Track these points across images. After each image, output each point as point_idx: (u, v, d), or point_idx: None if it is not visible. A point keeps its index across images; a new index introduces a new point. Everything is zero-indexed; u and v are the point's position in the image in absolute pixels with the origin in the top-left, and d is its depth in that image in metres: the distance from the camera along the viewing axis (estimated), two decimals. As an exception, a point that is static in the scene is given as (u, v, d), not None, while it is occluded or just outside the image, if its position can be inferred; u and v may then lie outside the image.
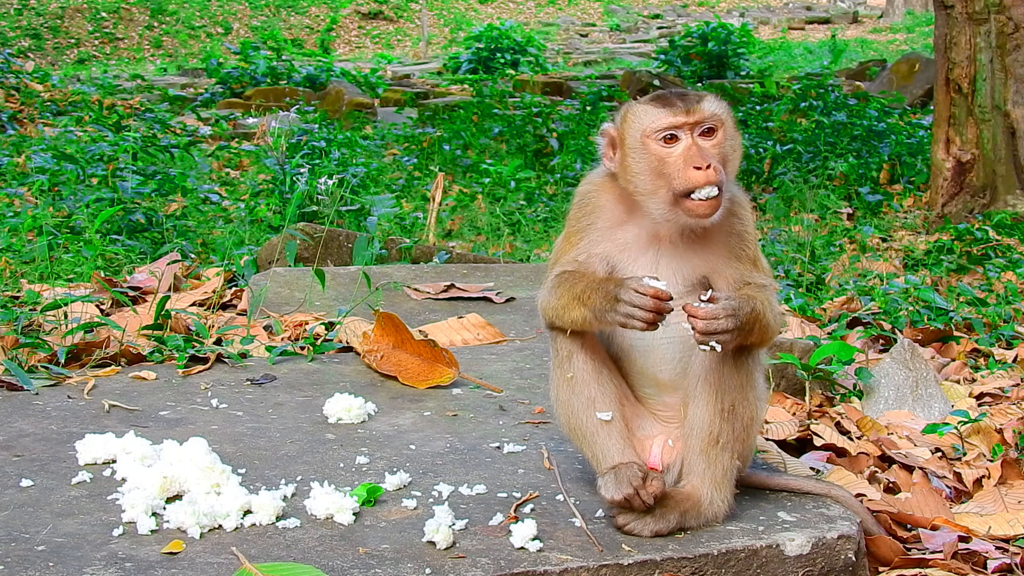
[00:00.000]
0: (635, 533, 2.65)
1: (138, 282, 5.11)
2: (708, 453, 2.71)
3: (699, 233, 2.73)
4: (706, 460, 2.72)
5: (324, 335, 4.24)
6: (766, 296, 2.71)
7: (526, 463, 3.09)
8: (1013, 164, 8.88)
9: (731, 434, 2.71)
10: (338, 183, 8.11)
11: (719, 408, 2.69)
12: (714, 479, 2.72)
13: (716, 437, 2.71)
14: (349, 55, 30.28)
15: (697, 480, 2.72)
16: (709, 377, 2.70)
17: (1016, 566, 3.00)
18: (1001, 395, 4.66)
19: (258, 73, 19.26)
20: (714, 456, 2.71)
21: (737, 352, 2.69)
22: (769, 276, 2.80)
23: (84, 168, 8.48)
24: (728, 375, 2.70)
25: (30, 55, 27.02)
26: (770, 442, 3.58)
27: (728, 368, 2.70)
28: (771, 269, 2.87)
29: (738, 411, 2.71)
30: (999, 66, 8.79)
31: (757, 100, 15.19)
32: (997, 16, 8.77)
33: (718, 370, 2.69)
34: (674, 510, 2.68)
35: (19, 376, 3.57)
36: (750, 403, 2.74)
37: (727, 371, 2.70)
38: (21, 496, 2.77)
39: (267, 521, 2.65)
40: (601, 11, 36.16)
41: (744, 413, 2.73)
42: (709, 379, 2.70)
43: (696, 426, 2.72)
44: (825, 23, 33.86)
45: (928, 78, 15.64)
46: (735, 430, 2.71)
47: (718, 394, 2.69)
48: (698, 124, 2.67)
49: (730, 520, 2.77)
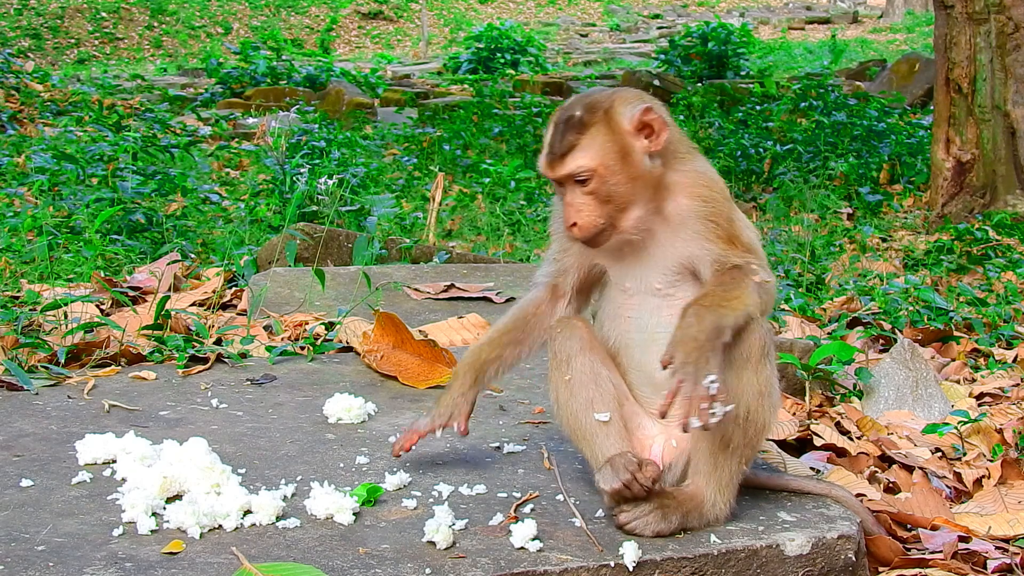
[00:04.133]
0: (637, 533, 2.63)
1: (138, 282, 5.11)
2: (717, 457, 2.70)
3: (666, 224, 2.74)
4: (714, 463, 2.70)
5: (324, 335, 4.25)
6: (738, 277, 2.67)
7: (526, 463, 3.09)
8: (1013, 164, 8.88)
9: (743, 439, 2.69)
10: (338, 183, 8.12)
11: (735, 414, 2.64)
12: (719, 482, 2.70)
13: (727, 441, 2.69)
14: (349, 55, 30.29)
15: (702, 481, 2.71)
16: (729, 381, 2.62)
17: (1016, 566, 3.00)
18: (1001, 395, 4.66)
19: (258, 73, 19.26)
20: (723, 460, 2.70)
21: (759, 357, 2.66)
22: (749, 249, 2.73)
23: (84, 168, 8.48)
24: (748, 381, 2.67)
25: (30, 55, 27.03)
26: (770, 442, 3.58)
27: (748, 373, 2.67)
28: (756, 235, 2.79)
29: (753, 418, 2.69)
30: (999, 66, 8.79)
31: (757, 100, 15.20)
32: (997, 16, 8.77)
33: (737, 375, 2.66)
34: (677, 511, 2.67)
35: (19, 376, 3.57)
36: (765, 410, 2.71)
37: (747, 376, 2.67)
38: (21, 496, 2.77)
39: (267, 521, 2.65)
40: (601, 11, 36.17)
41: (759, 419, 2.70)
42: (728, 383, 2.62)
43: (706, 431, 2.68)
44: (825, 23, 33.88)
45: (928, 78, 15.64)
46: (747, 435, 2.70)
47: (738, 400, 2.66)
48: (568, 177, 2.70)
49: (730, 520, 2.77)
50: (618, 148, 2.68)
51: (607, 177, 2.68)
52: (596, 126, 2.69)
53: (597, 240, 2.73)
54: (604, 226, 2.70)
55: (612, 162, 2.68)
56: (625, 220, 2.71)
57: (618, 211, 2.70)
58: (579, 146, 2.68)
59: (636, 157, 2.70)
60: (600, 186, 2.68)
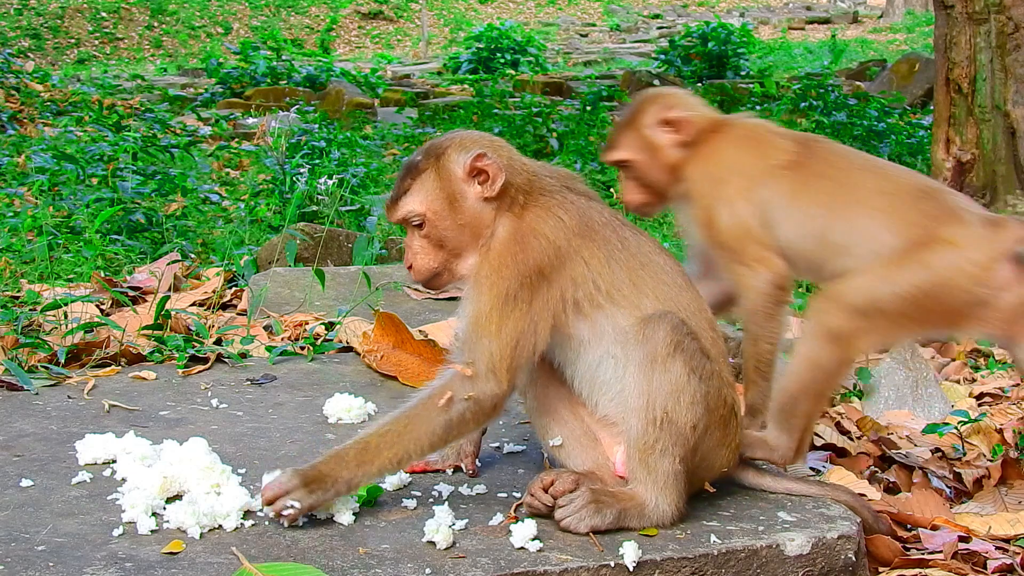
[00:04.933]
0: (571, 529, 2.65)
1: (138, 282, 5.11)
2: (646, 460, 2.70)
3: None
4: (645, 467, 2.70)
5: (324, 335, 4.25)
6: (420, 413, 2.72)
7: (526, 463, 3.09)
8: (1013, 164, 8.88)
9: (669, 440, 2.68)
10: (338, 183, 8.12)
11: (651, 417, 2.67)
12: (656, 484, 2.70)
13: (652, 445, 2.68)
14: (349, 55, 30.28)
15: (640, 486, 2.72)
16: (638, 387, 2.68)
17: (1016, 566, 3.00)
18: (1001, 395, 4.67)
19: (258, 73, 19.25)
20: (653, 462, 2.69)
21: (666, 354, 2.66)
22: (472, 344, 2.72)
23: (84, 168, 8.48)
24: (657, 381, 2.67)
25: (30, 55, 27.03)
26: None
27: (657, 373, 2.67)
28: (504, 332, 2.69)
29: (673, 418, 2.67)
30: (999, 66, 8.79)
31: (757, 100, 15.21)
32: (997, 16, 8.77)
33: (647, 379, 2.67)
34: (612, 507, 2.67)
35: (19, 376, 3.57)
36: (684, 408, 2.68)
37: (656, 377, 2.67)
38: (21, 496, 2.77)
39: (267, 521, 2.65)
40: (601, 11, 36.17)
41: (679, 418, 2.68)
42: (638, 389, 2.68)
43: (632, 436, 2.71)
44: (825, 23, 33.87)
45: (928, 78, 15.64)
46: (672, 436, 2.68)
47: (648, 403, 2.67)
48: (403, 221, 2.82)
49: (730, 520, 2.77)
50: (446, 194, 2.76)
51: (436, 223, 2.76)
52: (427, 172, 2.78)
53: (433, 283, 2.85)
54: (439, 270, 2.82)
55: (440, 207, 2.76)
56: (460, 265, 2.80)
57: (452, 256, 2.80)
58: (411, 191, 2.78)
59: (467, 203, 2.75)
60: (432, 231, 2.77)
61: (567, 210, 2.76)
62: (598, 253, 2.74)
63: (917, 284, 3.11)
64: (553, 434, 2.88)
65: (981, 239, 3.14)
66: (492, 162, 2.74)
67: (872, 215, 3.22)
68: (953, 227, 3.15)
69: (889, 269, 3.13)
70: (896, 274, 3.12)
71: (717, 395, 2.75)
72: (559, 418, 2.88)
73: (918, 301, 3.11)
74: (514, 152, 2.84)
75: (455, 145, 2.79)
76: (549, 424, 2.89)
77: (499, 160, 2.76)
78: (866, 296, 3.11)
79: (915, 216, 3.19)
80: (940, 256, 3.11)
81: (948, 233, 3.14)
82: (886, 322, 3.14)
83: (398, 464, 2.68)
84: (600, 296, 2.73)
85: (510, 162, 2.79)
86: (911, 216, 3.19)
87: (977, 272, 3.10)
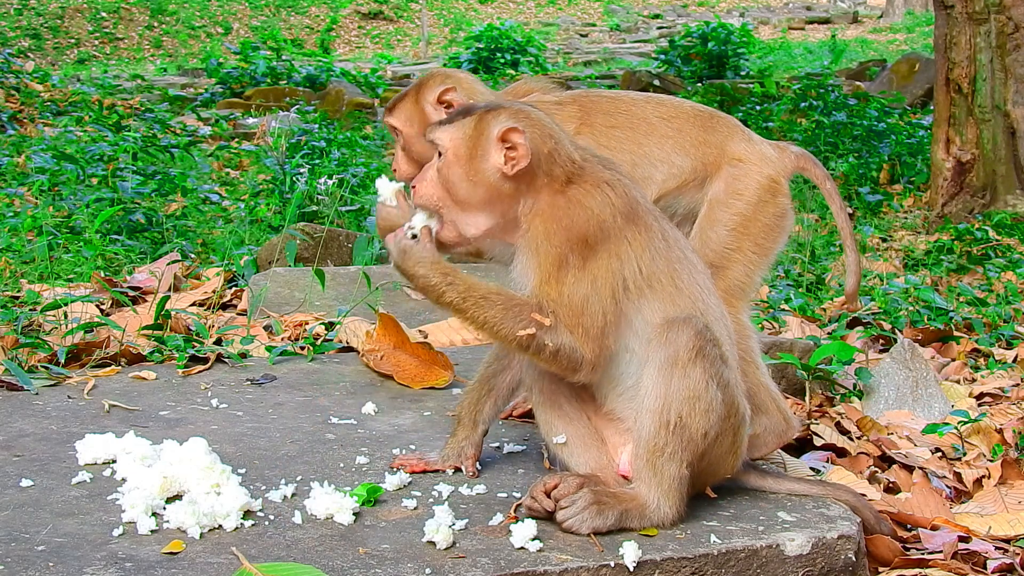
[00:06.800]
0: (573, 530, 2.65)
1: (138, 282, 5.11)
2: (654, 462, 2.70)
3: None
4: (652, 469, 2.71)
5: (324, 335, 4.25)
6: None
7: (526, 463, 3.10)
8: (1013, 164, 8.88)
9: (678, 445, 2.68)
10: (338, 183, 8.11)
11: (664, 420, 2.66)
12: (660, 486, 2.70)
13: (662, 448, 2.68)
14: (349, 55, 30.27)
15: (644, 487, 2.72)
16: (655, 389, 2.67)
17: (1016, 566, 3.00)
18: (1001, 395, 4.67)
19: (258, 73, 19.24)
20: (661, 465, 2.69)
21: (688, 359, 2.65)
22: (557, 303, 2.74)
23: (84, 168, 8.48)
24: (675, 385, 2.66)
25: (30, 55, 27.02)
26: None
27: (676, 378, 2.66)
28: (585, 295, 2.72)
29: (686, 423, 2.67)
30: (999, 66, 8.80)
31: (757, 100, 15.20)
32: (997, 16, 8.77)
33: (665, 382, 2.66)
34: (614, 508, 2.67)
35: (19, 376, 3.57)
36: (699, 415, 2.68)
37: (675, 381, 2.66)
38: (21, 496, 2.77)
39: (267, 521, 2.65)
40: (601, 11, 36.17)
41: (692, 424, 2.67)
42: (655, 391, 2.67)
43: (642, 437, 2.70)
44: (825, 23, 33.85)
45: (928, 78, 15.63)
46: (683, 441, 2.68)
47: (664, 406, 2.67)
48: (432, 144, 2.87)
49: (730, 520, 2.77)
50: (472, 144, 2.76)
51: (451, 163, 2.77)
52: (471, 118, 2.80)
53: (420, 200, 2.80)
54: (436, 203, 2.77)
55: (462, 153, 2.76)
56: (459, 219, 2.78)
57: (454, 205, 2.77)
58: (451, 124, 2.80)
59: (485, 164, 2.74)
60: (444, 168, 2.77)
61: (615, 189, 2.73)
62: (640, 238, 2.71)
63: (740, 211, 3.38)
64: (557, 431, 2.87)
65: (769, 157, 3.42)
66: (524, 143, 2.70)
67: (662, 143, 3.39)
68: (742, 144, 3.40)
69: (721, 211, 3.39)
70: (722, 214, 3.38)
71: (731, 403, 2.75)
72: (565, 415, 2.87)
73: (749, 221, 3.38)
74: (564, 138, 2.80)
75: (508, 111, 2.77)
76: (554, 421, 2.87)
77: (536, 142, 2.72)
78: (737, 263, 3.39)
79: (703, 136, 3.40)
80: (742, 178, 3.39)
81: (738, 151, 3.39)
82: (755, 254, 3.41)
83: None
84: (642, 281, 2.70)
85: (556, 146, 2.75)
86: (699, 136, 3.40)
87: (775, 186, 3.41)
